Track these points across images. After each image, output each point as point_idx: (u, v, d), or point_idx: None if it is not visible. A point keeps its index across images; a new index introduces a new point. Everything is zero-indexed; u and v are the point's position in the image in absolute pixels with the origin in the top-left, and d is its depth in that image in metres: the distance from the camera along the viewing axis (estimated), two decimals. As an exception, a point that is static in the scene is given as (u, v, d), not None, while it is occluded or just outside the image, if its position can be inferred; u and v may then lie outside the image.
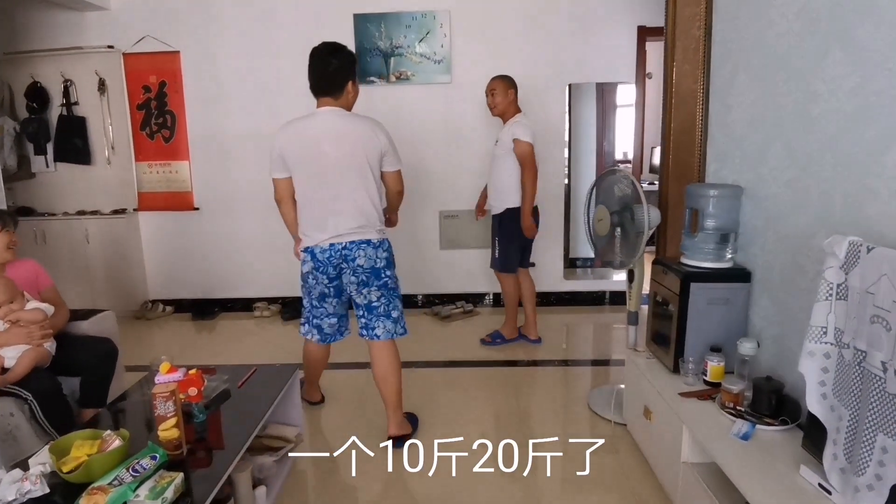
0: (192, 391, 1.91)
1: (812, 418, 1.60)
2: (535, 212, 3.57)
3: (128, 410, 2.19)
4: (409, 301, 4.64)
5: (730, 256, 2.31)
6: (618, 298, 4.64)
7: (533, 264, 4.48)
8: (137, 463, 1.59)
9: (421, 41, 4.22)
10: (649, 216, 2.44)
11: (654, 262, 2.53)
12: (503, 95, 3.45)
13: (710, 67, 2.54)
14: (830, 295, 1.50)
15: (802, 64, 1.89)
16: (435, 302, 4.59)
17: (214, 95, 4.39)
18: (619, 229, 2.57)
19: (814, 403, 1.56)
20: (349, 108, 2.55)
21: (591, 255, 5.63)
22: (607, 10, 4.22)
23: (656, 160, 6.75)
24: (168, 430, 1.70)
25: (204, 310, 4.55)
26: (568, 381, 3.39)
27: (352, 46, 4.18)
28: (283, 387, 2.24)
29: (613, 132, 5.73)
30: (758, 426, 1.88)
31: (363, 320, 2.59)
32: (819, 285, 1.52)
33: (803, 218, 1.92)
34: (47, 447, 1.67)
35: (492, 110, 3.54)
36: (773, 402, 1.93)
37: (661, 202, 2.94)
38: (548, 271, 4.58)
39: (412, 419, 2.76)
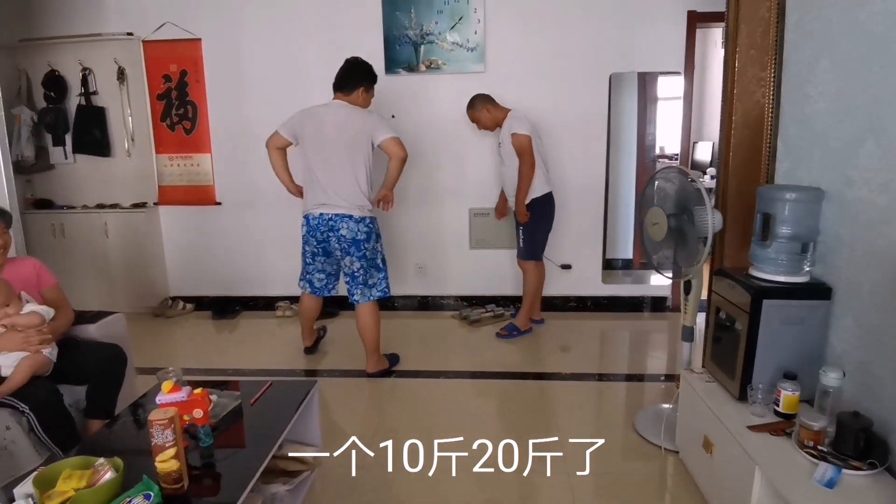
0: (198, 413, 1.70)
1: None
2: (550, 201, 3.68)
3: (133, 426, 2.00)
4: (438, 304, 4.42)
5: (807, 269, 2.01)
6: (658, 304, 4.34)
7: (569, 266, 4.24)
8: (129, 502, 1.38)
9: (453, 28, 3.96)
10: (713, 220, 2.16)
11: (717, 273, 2.25)
12: (486, 116, 3.63)
13: (784, 53, 2.23)
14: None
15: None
16: (464, 305, 4.36)
17: (237, 85, 4.20)
18: (676, 234, 2.29)
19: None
20: (355, 102, 3.08)
21: (629, 256, 5.38)
22: (654, -7, 3.90)
23: (699, 156, 6.41)
24: (166, 461, 1.49)
25: (225, 308, 4.39)
26: (608, 397, 3.12)
27: (380, 34, 4.01)
28: (299, 405, 2.02)
29: (655, 125, 5.41)
30: (843, 470, 1.60)
31: (348, 287, 3.16)
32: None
33: (902, 228, 1.63)
34: (31, 478, 1.48)
35: (489, 130, 3.74)
36: (860, 443, 1.65)
37: (719, 205, 2.64)
38: (585, 274, 4.30)
39: (392, 358, 3.38)
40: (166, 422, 1.48)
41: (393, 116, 4.12)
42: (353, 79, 3.07)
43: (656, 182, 2.45)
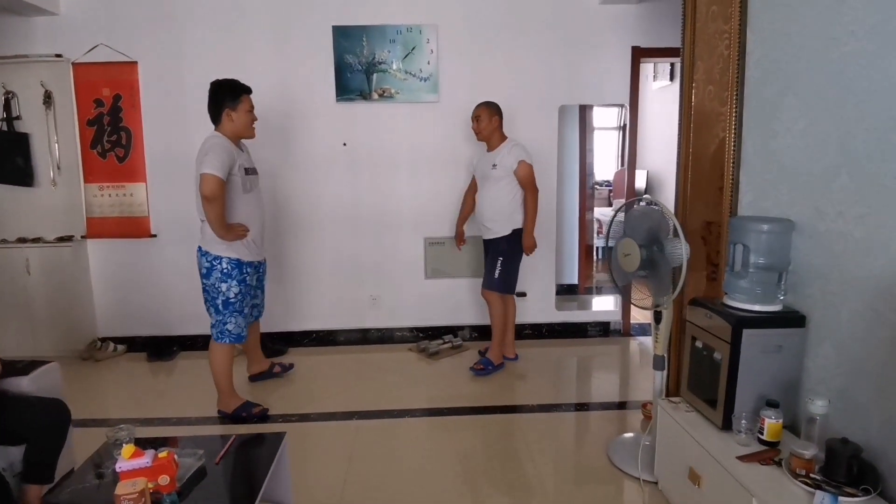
0: (164, 480, 1.52)
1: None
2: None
3: (86, 496, 1.74)
4: (394, 336, 4.28)
5: (781, 298, 2.06)
6: (605, 329, 4.43)
7: (524, 294, 4.23)
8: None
9: (406, 57, 3.92)
10: (686, 250, 2.18)
11: (692, 303, 2.27)
12: (487, 121, 3.52)
13: (745, 89, 2.32)
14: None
15: (879, 86, 1.67)
16: (420, 336, 4.25)
17: (176, 111, 3.96)
18: (648, 265, 2.31)
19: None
20: (224, 131, 3.00)
21: (575, 281, 5.47)
22: (600, 30, 4.03)
23: (639, 185, 6.64)
24: (135, 540, 1.31)
25: (161, 349, 4.07)
26: (579, 428, 3.09)
27: (330, 60, 3.90)
28: (271, 462, 1.85)
29: (594, 154, 5.58)
30: (840, 498, 1.62)
31: None
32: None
33: (880, 260, 1.69)
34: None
35: (477, 135, 3.60)
36: (853, 469, 1.67)
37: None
38: (539, 301, 4.30)
39: (245, 407, 3.14)
40: (136, 496, 1.30)
41: (345, 144, 4.02)
42: (212, 108, 3.00)
43: (624, 213, 2.46)
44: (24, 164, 3.91)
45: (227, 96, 2.97)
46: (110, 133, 3.97)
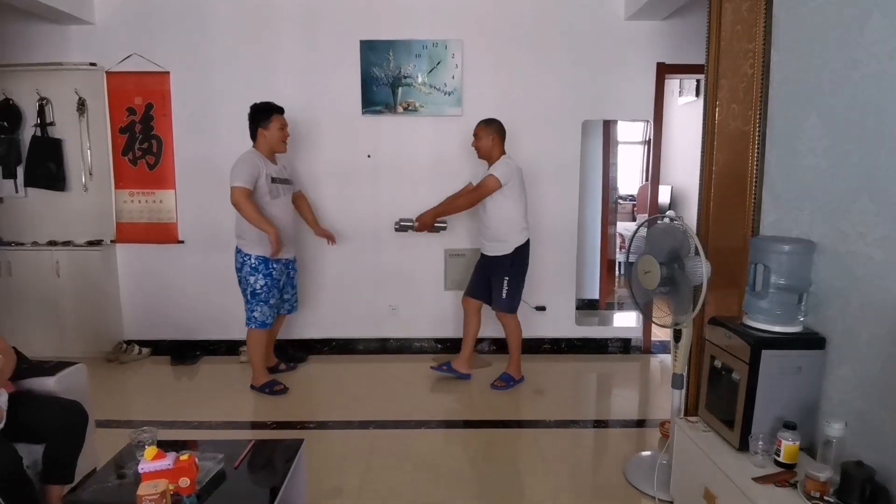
0: (184, 482, 1.56)
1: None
2: (527, 246, 3.61)
3: (108, 496, 1.78)
4: (412, 346, 4.31)
5: (801, 319, 2.04)
6: (626, 346, 4.40)
7: (543, 308, 4.23)
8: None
9: (431, 71, 3.98)
10: (707, 268, 2.18)
11: (711, 322, 2.26)
12: (485, 139, 3.52)
13: (769, 108, 2.31)
14: None
15: (903, 109, 1.66)
16: (438, 347, 4.27)
17: (206, 120, 4.07)
18: (668, 282, 2.30)
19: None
20: (259, 147, 3.46)
21: (596, 297, 5.44)
22: (625, 45, 4.04)
23: (663, 200, 6.60)
24: (157, 540, 1.35)
25: (184, 353, 4.15)
26: (595, 445, 3.08)
27: (357, 73, 3.96)
28: (288, 468, 1.88)
29: (617, 169, 5.57)
30: (852, 521, 1.60)
31: None
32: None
33: (903, 283, 1.67)
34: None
35: (477, 153, 3.61)
36: (866, 492, 1.65)
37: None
38: (559, 316, 4.30)
39: (270, 384, 3.56)
40: (157, 497, 1.34)
41: (369, 156, 4.08)
42: (251, 127, 3.47)
43: (646, 229, 2.46)
44: (56, 169, 4.04)
45: (260, 116, 3.43)
46: (142, 141, 4.08)
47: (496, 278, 3.57)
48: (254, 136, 3.47)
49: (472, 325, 3.71)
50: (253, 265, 3.41)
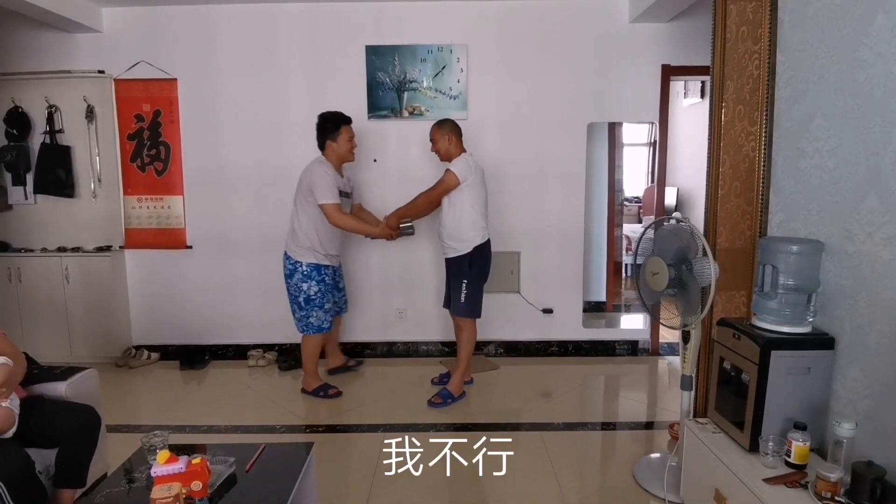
0: (196, 485, 1.57)
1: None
2: (487, 248, 3.45)
3: (120, 500, 1.80)
4: (419, 349, 4.32)
5: (810, 320, 2.04)
6: (633, 348, 4.39)
7: (550, 311, 4.23)
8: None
9: (436, 76, 3.99)
10: (715, 269, 2.18)
11: (720, 323, 2.26)
12: (441, 141, 3.40)
13: (775, 109, 2.31)
14: None
15: (910, 107, 1.66)
16: (446, 350, 4.28)
17: (213, 127, 4.10)
18: (677, 284, 2.30)
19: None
20: (329, 158, 3.46)
21: (602, 299, 5.43)
22: (630, 48, 4.05)
23: (669, 202, 6.59)
24: (170, 543, 1.36)
25: (193, 357, 4.17)
26: (604, 447, 3.07)
27: (363, 78, 3.98)
28: (299, 471, 1.89)
29: (622, 171, 5.56)
30: (862, 521, 1.60)
31: None
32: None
33: (909, 282, 1.67)
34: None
35: (438, 157, 3.49)
36: (876, 492, 1.65)
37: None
38: (565, 318, 4.29)
39: (323, 388, 3.60)
40: (170, 500, 1.35)
41: (375, 160, 4.09)
42: (319, 138, 3.47)
43: (653, 231, 2.47)
44: (65, 175, 4.08)
45: (328, 127, 3.43)
46: (150, 147, 4.12)
47: (455, 281, 3.43)
48: (322, 147, 3.47)
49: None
50: (305, 272, 3.42)
